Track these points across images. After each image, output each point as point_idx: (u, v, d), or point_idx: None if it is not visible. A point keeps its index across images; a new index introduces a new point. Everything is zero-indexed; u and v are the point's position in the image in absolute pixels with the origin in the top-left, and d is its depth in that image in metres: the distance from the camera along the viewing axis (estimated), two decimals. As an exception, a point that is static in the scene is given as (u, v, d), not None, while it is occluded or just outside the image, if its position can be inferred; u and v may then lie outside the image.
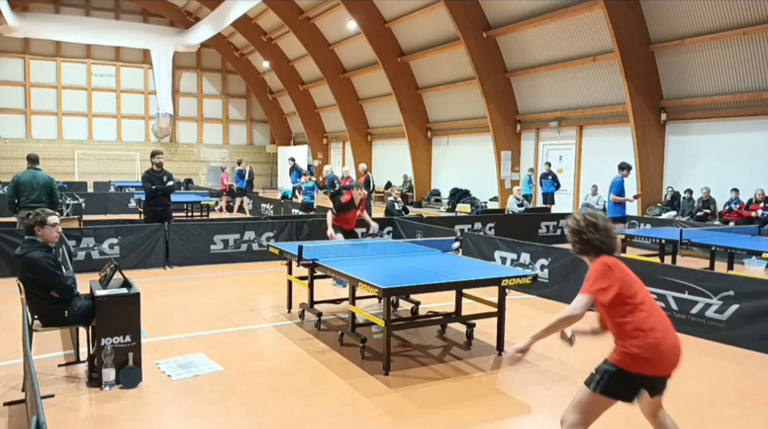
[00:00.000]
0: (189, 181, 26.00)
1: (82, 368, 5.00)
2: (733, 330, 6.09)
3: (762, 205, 12.96)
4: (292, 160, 20.48)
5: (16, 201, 8.69)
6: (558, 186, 16.81)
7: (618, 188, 10.66)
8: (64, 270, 4.94)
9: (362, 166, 17.00)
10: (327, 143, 31.42)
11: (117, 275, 4.92)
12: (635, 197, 11.04)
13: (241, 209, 19.26)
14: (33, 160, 9.02)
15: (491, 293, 5.84)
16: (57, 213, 5.47)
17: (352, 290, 5.70)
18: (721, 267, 8.67)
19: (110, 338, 4.60)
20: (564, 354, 5.77)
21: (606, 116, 16.69)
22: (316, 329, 6.38)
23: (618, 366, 3.16)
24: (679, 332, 6.62)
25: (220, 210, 19.14)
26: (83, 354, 5.09)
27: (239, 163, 19.99)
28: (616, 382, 3.17)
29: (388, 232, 12.04)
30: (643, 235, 10.30)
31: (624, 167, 10.77)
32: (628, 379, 3.17)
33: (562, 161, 18.63)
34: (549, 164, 17.54)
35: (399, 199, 14.30)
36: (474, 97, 20.14)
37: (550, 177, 16.69)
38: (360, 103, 26.92)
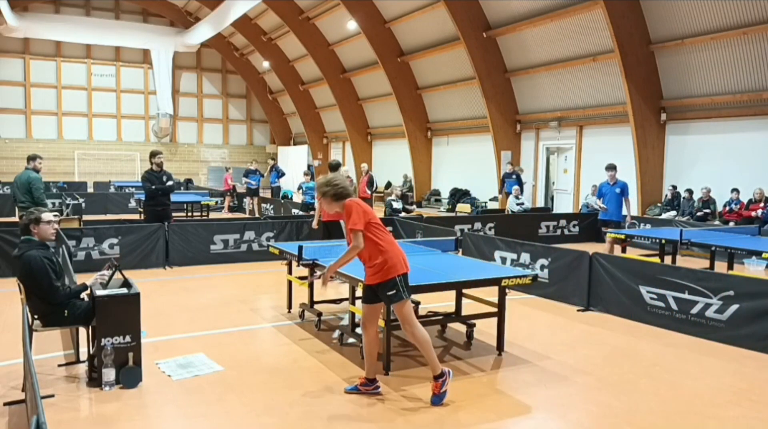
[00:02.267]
0: (189, 181, 26.02)
1: (82, 368, 5.00)
2: (733, 330, 6.09)
3: (761, 204, 12.95)
4: (273, 159, 20.66)
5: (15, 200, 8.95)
6: (521, 185, 16.40)
7: (598, 192, 10.85)
8: (65, 274, 4.92)
9: (364, 166, 17.02)
10: (327, 143, 31.42)
11: (117, 275, 4.92)
12: (600, 207, 10.81)
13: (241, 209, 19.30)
14: (27, 159, 9.32)
15: (491, 293, 5.84)
16: (56, 211, 5.49)
17: (352, 290, 5.70)
18: (721, 267, 8.67)
19: (110, 338, 4.60)
20: (564, 354, 5.78)
21: (606, 116, 16.69)
22: (316, 329, 6.38)
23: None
24: (679, 332, 6.67)
25: (228, 210, 19.15)
26: (83, 354, 5.08)
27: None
28: (365, 292, 4.65)
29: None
30: (643, 235, 10.30)
31: (607, 168, 10.66)
32: (368, 288, 4.62)
33: (561, 161, 18.64)
34: (511, 164, 17.67)
35: (399, 199, 14.30)
36: (474, 97, 20.13)
37: (513, 176, 16.58)
38: (360, 103, 26.92)
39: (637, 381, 5.09)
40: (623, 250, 10.34)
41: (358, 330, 5.84)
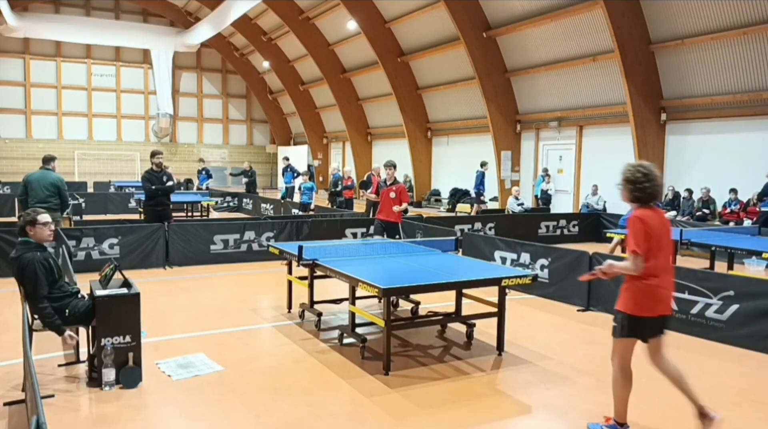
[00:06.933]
0: (189, 181, 25.98)
1: (82, 368, 5.00)
2: (733, 330, 6.09)
3: (757, 206, 12.92)
4: (287, 159, 20.18)
5: (26, 200, 8.69)
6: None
7: None
8: (64, 274, 4.90)
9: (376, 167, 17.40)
10: (327, 143, 31.42)
11: (117, 275, 4.92)
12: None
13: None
14: (44, 160, 9.06)
15: (491, 293, 5.84)
16: (55, 213, 5.47)
17: (352, 290, 5.69)
18: (721, 267, 8.67)
19: (110, 338, 4.60)
20: (564, 354, 5.77)
21: (606, 116, 16.69)
22: (316, 329, 6.38)
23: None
24: (679, 332, 6.65)
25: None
26: (83, 354, 5.09)
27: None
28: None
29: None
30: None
31: None
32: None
33: (562, 161, 18.64)
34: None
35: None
36: (474, 97, 20.13)
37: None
38: (360, 103, 26.92)
39: (637, 381, 5.07)
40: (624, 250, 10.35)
41: (359, 330, 5.85)
